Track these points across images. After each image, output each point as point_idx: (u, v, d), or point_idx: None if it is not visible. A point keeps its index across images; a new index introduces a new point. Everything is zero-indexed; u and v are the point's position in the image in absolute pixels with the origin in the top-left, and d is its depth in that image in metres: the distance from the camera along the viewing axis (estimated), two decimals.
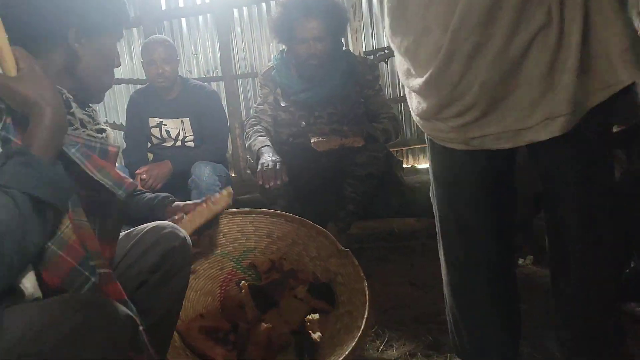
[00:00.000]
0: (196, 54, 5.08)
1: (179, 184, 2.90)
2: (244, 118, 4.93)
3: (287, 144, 2.83)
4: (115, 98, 5.32)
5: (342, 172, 2.68)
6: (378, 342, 1.86)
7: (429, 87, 1.27)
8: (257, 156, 2.61)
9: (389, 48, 4.50)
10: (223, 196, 1.85)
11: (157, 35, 3.20)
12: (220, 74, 4.93)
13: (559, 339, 1.44)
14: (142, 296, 1.36)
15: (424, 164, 4.58)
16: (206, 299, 2.01)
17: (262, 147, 2.63)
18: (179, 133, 3.06)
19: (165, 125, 3.06)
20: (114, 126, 5.14)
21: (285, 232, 2.06)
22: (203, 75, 5.04)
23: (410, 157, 4.67)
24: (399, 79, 4.52)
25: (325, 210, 2.88)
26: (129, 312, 1.04)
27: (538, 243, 2.45)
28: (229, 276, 2.06)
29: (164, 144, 3.10)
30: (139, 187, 2.72)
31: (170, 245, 1.40)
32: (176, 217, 1.78)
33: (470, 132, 1.27)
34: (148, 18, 4.92)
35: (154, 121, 3.07)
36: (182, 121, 3.05)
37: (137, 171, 2.81)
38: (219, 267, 2.06)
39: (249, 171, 2.65)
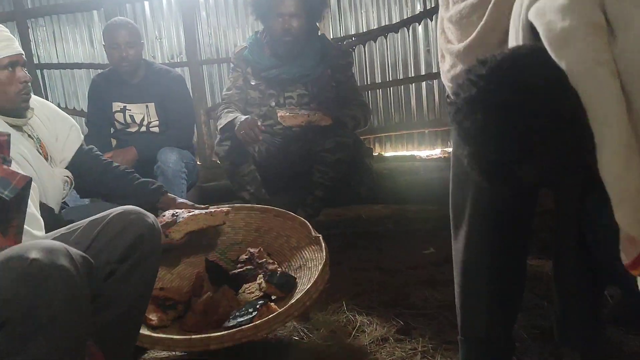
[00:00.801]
0: (160, 39, 4.96)
1: (145, 171, 2.83)
2: (209, 104, 4.86)
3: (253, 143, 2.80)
4: (76, 84, 5.15)
5: (311, 158, 2.67)
6: (350, 327, 1.86)
7: (468, 51, 1.31)
8: (232, 125, 2.57)
9: (356, 35, 4.50)
10: (222, 213, 1.99)
11: (119, 17, 3.10)
12: (185, 59, 4.84)
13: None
14: (111, 286, 1.32)
15: (390, 152, 4.61)
16: (182, 282, 2.06)
17: (235, 117, 2.59)
18: (143, 118, 2.99)
19: (130, 110, 2.98)
20: (75, 112, 4.98)
21: (272, 225, 2.15)
22: (167, 61, 4.92)
23: (377, 145, 4.68)
24: (367, 66, 4.54)
25: (294, 197, 2.87)
26: None
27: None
28: None
29: (128, 130, 3.02)
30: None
31: (138, 232, 1.36)
32: (167, 217, 1.79)
33: None
34: (109, 1, 4.78)
35: (117, 106, 2.98)
36: (146, 106, 2.97)
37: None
38: (203, 257, 2.11)
39: (214, 158, 2.61)
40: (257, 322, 1.64)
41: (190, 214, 1.91)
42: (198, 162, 4.93)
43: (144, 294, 1.42)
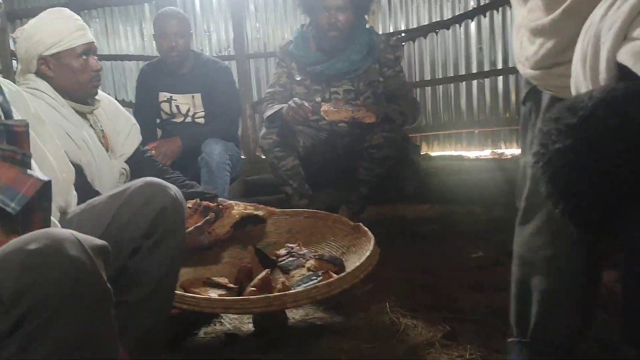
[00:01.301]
0: (209, 33, 4.99)
1: (189, 162, 2.82)
2: (255, 99, 4.85)
3: (301, 124, 2.75)
4: (125, 75, 5.22)
5: (357, 153, 2.60)
6: (393, 330, 1.78)
7: (560, 24, 1.16)
8: (280, 114, 2.54)
9: (406, 31, 4.39)
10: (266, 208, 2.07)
11: (170, 7, 3.10)
12: (232, 53, 4.84)
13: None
14: (136, 264, 1.29)
15: (438, 151, 4.49)
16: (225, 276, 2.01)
17: (281, 107, 2.55)
18: (189, 109, 2.97)
19: (175, 100, 2.98)
20: (124, 103, 5.05)
21: (304, 226, 2.13)
22: (215, 54, 4.94)
23: (424, 144, 4.57)
24: (416, 63, 4.43)
25: (338, 193, 2.80)
26: None
27: None
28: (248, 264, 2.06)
29: (173, 120, 3.02)
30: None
31: (161, 206, 1.31)
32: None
33: None
34: None
35: (163, 96, 2.98)
36: (192, 96, 2.96)
37: (146, 147, 2.72)
38: (238, 258, 2.09)
39: (258, 153, 2.56)
40: (329, 280, 1.60)
41: (234, 210, 1.89)
42: (242, 157, 4.96)
43: (171, 270, 1.37)
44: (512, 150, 4.32)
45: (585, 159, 0.90)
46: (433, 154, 4.41)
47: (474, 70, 4.32)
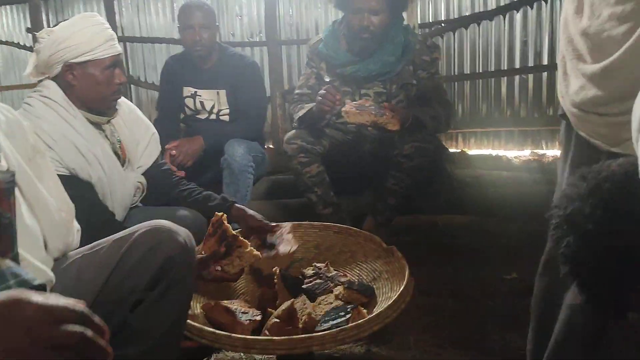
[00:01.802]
0: (240, 16, 4.83)
1: (211, 161, 2.72)
2: (286, 87, 4.70)
3: (328, 126, 2.60)
4: (155, 57, 5.12)
5: (386, 161, 2.44)
6: None
7: (606, 74, 1.07)
8: (311, 114, 2.42)
9: (446, 22, 4.16)
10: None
11: None
12: (264, 38, 4.68)
13: None
14: (139, 317, 1.17)
15: (474, 150, 4.28)
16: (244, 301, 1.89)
17: (312, 106, 2.42)
18: (213, 105, 2.85)
19: (200, 96, 2.86)
20: (153, 86, 4.96)
21: (332, 242, 2.00)
22: (246, 39, 4.80)
23: (460, 139, 4.36)
24: (456, 55, 4.21)
25: (364, 201, 2.66)
26: None
27: None
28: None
29: (197, 116, 2.91)
30: (168, 163, 2.57)
31: (168, 254, 1.19)
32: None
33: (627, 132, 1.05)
34: None
35: (188, 91, 2.87)
36: (217, 93, 2.83)
37: (167, 146, 2.62)
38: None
39: (285, 149, 2.42)
40: (358, 322, 1.48)
41: (248, 250, 1.69)
42: (271, 146, 4.83)
43: (177, 324, 1.26)
44: (554, 152, 4.09)
45: (591, 232, 0.84)
46: (469, 151, 4.21)
47: (517, 65, 4.07)
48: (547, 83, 4.04)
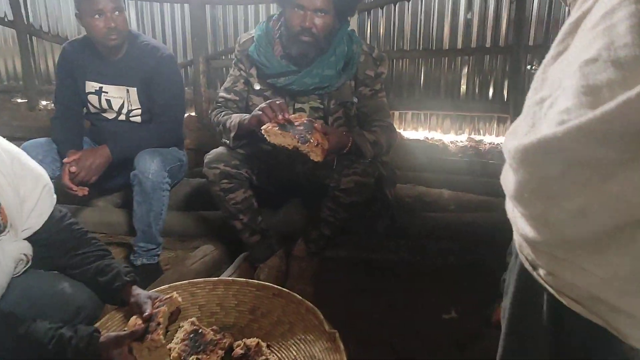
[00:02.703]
0: None
1: (119, 173, 2.37)
2: (210, 51, 4.27)
3: (256, 143, 2.29)
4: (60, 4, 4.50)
5: (322, 188, 2.18)
6: None
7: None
8: (241, 124, 2.06)
9: None
10: (171, 300, 1.53)
11: None
12: None
13: None
14: None
15: (410, 131, 4.08)
16: None
17: (243, 117, 2.08)
18: (122, 104, 2.45)
19: (106, 92, 2.44)
20: (56, 39, 4.37)
21: (270, 308, 1.73)
22: None
23: (396, 117, 4.14)
24: (395, 30, 3.89)
25: (297, 225, 2.41)
26: None
27: None
28: None
29: (103, 114, 2.50)
30: (66, 182, 2.19)
31: None
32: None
33: None
34: None
35: (91, 86, 2.44)
36: (127, 90, 2.43)
37: (66, 160, 2.22)
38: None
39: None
40: None
41: (157, 310, 1.46)
42: (193, 114, 4.43)
43: None
44: (492, 138, 3.96)
45: None
46: (405, 134, 4.01)
47: (459, 46, 3.84)
48: (488, 66, 3.85)
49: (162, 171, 2.28)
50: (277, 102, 1.94)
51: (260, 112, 1.94)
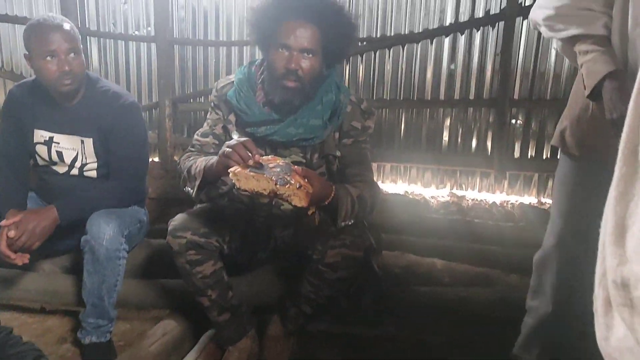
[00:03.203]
0: (125, 3, 4.01)
1: (68, 236, 2.06)
2: (177, 93, 4.00)
3: (228, 195, 2.02)
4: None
5: (304, 258, 1.92)
6: None
7: None
8: (207, 170, 1.76)
9: (368, 40, 3.65)
10: None
11: (47, 14, 2.13)
12: (152, 34, 3.93)
13: None
14: None
15: (389, 183, 3.87)
16: None
17: (209, 160, 1.79)
18: (76, 157, 2.15)
19: (58, 143, 2.14)
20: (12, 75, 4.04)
21: None
22: (131, 32, 4.01)
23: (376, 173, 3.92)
24: (374, 78, 3.71)
25: (273, 297, 2.13)
26: None
27: None
28: None
29: (53, 167, 2.19)
30: (3, 250, 1.87)
31: None
32: None
33: None
34: None
35: (40, 135, 2.14)
36: (82, 141, 2.13)
37: (4, 223, 1.90)
38: None
39: (177, 157, 1.81)
40: None
41: None
42: (156, 159, 4.12)
43: None
44: (474, 194, 3.77)
45: None
46: (384, 186, 3.79)
47: (442, 97, 3.67)
48: (472, 119, 3.69)
49: (118, 237, 1.97)
50: (245, 140, 1.67)
51: (227, 156, 1.66)
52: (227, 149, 1.66)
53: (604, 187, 0.60)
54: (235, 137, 1.96)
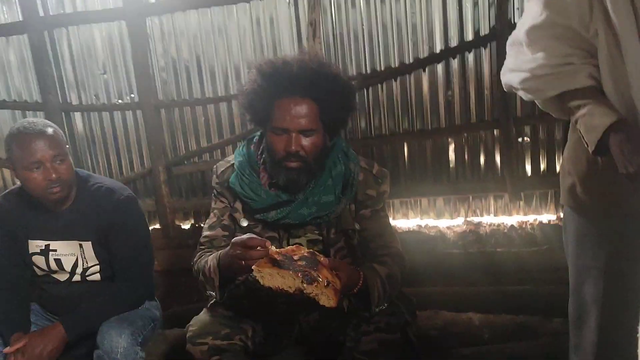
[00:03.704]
0: (104, 73, 3.89)
1: (77, 344, 1.91)
2: (169, 156, 3.87)
3: (245, 284, 1.88)
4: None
5: (333, 344, 1.77)
6: None
7: None
8: (219, 260, 1.65)
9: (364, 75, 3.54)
10: None
11: (28, 120, 1.97)
12: (137, 100, 3.81)
13: None
14: None
15: (400, 219, 3.73)
16: None
17: (219, 254, 1.66)
18: (76, 263, 2.01)
19: (55, 251, 2.00)
20: None
21: None
22: (115, 101, 3.89)
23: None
24: (372, 112, 3.61)
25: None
26: None
27: None
28: None
29: (53, 275, 2.05)
30: None
31: None
32: None
33: None
34: (33, 24, 3.69)
35: (35, 246, 2.00)
36: (80, 245, 1.99)
37: (7, 350, 1.76)
38: None
39: (178, 222, 1.67)
40: None
41: None
42: (157, 226, 3.97)
43: None
44: (490, 218, 3.64)
45: None
46: (396, 222, 3.66)
47: (443, 125, 3.55)
48: (477, 142, 3.56)
49: (133, 347, 1.84)
50: (252, 237, 1.54)
51: (235, 256, 1.54)
52: (238, 251, 1.53)
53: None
54: (244, 225, 1.83)
